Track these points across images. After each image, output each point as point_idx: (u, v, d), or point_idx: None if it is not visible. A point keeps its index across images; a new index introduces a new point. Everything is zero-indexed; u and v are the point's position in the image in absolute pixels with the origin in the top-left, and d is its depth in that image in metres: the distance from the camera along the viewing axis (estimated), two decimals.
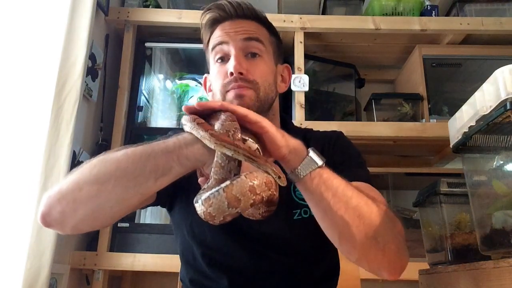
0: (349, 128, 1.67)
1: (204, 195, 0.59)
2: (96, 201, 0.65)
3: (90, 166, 0.67)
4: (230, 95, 0.86)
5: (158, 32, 1.89)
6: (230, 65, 0.86)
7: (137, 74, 1.82)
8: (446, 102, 1.83)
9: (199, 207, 0.59)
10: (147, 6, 1.91)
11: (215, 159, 0.63)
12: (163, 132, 1.87)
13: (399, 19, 1.89)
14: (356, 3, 2.04)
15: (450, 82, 1.88)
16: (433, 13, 1.93)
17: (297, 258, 0.88)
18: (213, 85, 0.92)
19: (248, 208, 0.59)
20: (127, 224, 1.62)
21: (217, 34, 0.91)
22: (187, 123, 0.65)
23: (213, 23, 0.93)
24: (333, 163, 0.92)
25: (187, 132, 0.66)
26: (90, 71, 1.62)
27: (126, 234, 1.60)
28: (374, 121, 1.85)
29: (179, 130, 0.86)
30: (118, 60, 1.80)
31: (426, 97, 1.78)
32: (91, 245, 1.60)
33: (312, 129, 1.04)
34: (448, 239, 0.96)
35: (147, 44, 1.89)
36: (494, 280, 0.70)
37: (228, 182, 0.58)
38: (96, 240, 1.57)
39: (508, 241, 0.73)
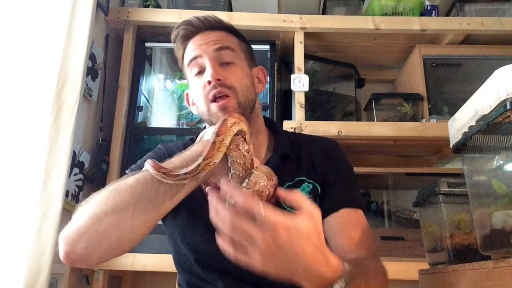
0: (349, 128, 1.67)
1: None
2: (119, 230, 0.67)
3: (104, 198, 0.68)
4: (214, 107, 0.88)
5: (158, 32, 1.88)
6: (207, 74, 0.88)
7: (137, 74, 1.82)
8: (446, 102, 1.82)
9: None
10: (147, 6, 1.91)
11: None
12: (163, 132, 1.90)
13: (399, 19, 1.89)
14: (356, 3, 2.05)
15: (450, 82, 1.87)
16: (433, 13, 1.93)
17: None
18: (196, 99, 0.94)
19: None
20: None
21: (190, 49, 0.94)
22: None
23: (184, 39, 0.96)
24: (325, 179, 0.94)
25: (197, 144, 0.72)
26: (90, 71, 1.62)
27: None
28: (374, 121, 1.84)
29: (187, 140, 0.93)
30: (118, 60, 1.80)
31: (426, 97, 1.78)
32: None
33: (301, 133, 1.04)
34: (448, 239, 0.96)
35: (147, 44, 1.89)
36: (494, 280, 0.70)
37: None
38: None
39: (508, 241, 0.73)
